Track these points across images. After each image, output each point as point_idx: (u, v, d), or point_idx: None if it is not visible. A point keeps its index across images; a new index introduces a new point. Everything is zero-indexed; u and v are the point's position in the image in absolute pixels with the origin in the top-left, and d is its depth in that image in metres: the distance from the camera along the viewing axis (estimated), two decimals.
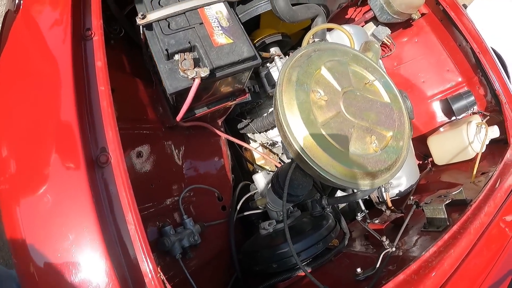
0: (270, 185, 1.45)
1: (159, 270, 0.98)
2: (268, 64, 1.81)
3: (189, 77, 1.28)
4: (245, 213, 1.61)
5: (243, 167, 1.86)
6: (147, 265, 0.97)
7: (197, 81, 1.28)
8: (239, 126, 1.85)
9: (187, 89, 1.30)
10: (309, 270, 1.44)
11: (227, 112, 1.68)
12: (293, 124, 1.29)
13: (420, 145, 2.03)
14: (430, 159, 2.03)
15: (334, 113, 1.35)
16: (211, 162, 1.64)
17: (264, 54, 1.74)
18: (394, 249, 1.37)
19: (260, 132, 1.86)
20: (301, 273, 1.45)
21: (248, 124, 1.82)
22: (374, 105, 1.46)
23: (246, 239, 1.66)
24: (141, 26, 1.35)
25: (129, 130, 1.46)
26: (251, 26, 1.90)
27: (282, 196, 1.26)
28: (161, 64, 1.34)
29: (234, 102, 1.58)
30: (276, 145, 1.86)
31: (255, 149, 1.73)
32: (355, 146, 1.34)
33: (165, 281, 0.96)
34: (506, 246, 1.62)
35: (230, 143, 1.80)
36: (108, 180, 1.07)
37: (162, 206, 1.43)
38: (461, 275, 1.39)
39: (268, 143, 1.84)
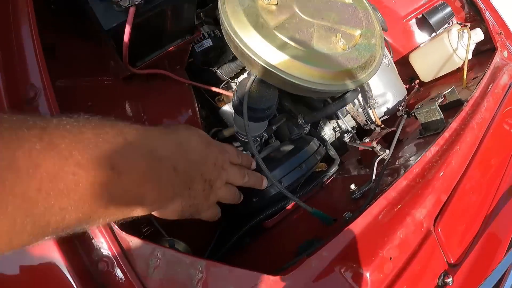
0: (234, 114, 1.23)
1: None
2: None
3: (123, 7, 1.10)
4: None
5: (221, 121, 1.65)
6: None
7: (132, 9, 1.10)
8: (207, 78, 1.65)
9: (125, 23, 1.12)
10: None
11: (186, 58, 1.49)
12: (242, 31, 1.09)
13: (404, 68, 1.80)
14: (416, 81, 1.80)
15: (287, 16, 1.15)
16: (176, 112, 1.44)
17: None
18: (387, 151, 1.13)
19: (230, 79, 1.65)
20: (289, 205, 1.21)
21: (215, 72, 1.62)
22: (334, 5, 1.26)
23: None
24: None
25: (78, 83, 1.27)
26: None
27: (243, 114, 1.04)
28: (96, 6, 1.17)
29: (188, 41, 1.39)
30: None
31: (224, 84, 1.50)
32: (318, 45, 1.13)
33: None
34: None
35: (199, 97, 1.59)
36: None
37: None
38: (473, 175, 1.13)
39: None
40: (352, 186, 1.13)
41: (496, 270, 1.00)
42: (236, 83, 1.63)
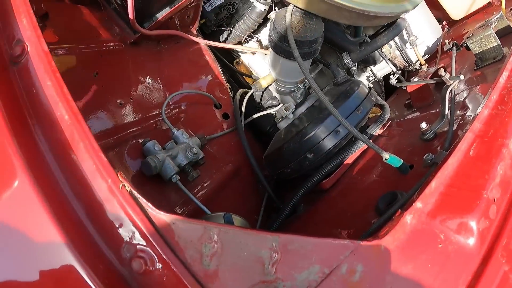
0: (271, 56, 1.02)
1: (120, 177, 0.54)
2: None
3: None
4: (255, 116, 1.17)
5: (241, 84, 1.43)
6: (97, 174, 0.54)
7: None
8: (222, 38, 1.43)
9: None
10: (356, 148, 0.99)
11: (198, 16, 1.28)
12: None
13: (432, 10, 1.61)
14: (444, 22, 1.61)
15: None
16: (195, 72, 1.22)
17: None
18: (462, 76, 0.93)
19: (248, 37, 1.43)
20: (347, 160, 1.01)
21: (231, 31, 1.40)
22: None
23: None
24: None
25: (78, 51, 1.04)
26: None
27: (289, 51, 0.83)
28: None
29: None
30: None
31: (244, 46, 1.28)
32: None
33: (135, 193, 0.52)
34: None
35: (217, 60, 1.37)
36: (30, 74, 0.65)
37: (142, 126, 0.99)
38: None
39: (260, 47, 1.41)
40: (423, 125, 0.93)
41: None
42: (257, 38, 1.41)
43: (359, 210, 0.92)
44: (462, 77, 0.95)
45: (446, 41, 1.24)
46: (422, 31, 1.31)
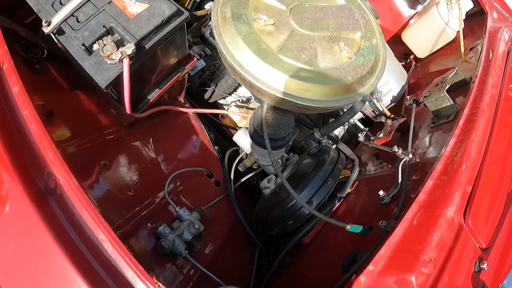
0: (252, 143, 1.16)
1: (155, 280, 0.72)
2: (209, 22, 1.49)
3: (116, 60, 1.01)
4: (242, 180, 1.33)
5: (227, 136, 1.57)
6: (138, 279, 0.72)
7: (126, 61, 1.02)
8: (206, 96, 1.55)
9: (122, 75, 1.03)
10: (327, 214, 1.16)
11: (184, 86, 1.39)
12: (246, 62, 1.00)
13: (397, 45, 1.73)
14: (411, 56, 1.72)
15: (287, 34, 1.06)
16: (187, 143, 1.37)
17: (199, 12, 1.43)
18: (410, 155, 1.08)
19: (230, 94, 1.56)
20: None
21: (214, 90, 1.52)
22: (329, 11, 1.16)
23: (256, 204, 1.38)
24: (51, 34, 1.07)
25: (86, 144, 1.18)
26: None
27: (266, 145, 0.97)
28: (85, 62, 1.09)
29: (184, 72, 1.29)
30: (251, 100, 1.56)
31: (227, 110, 1.42)
32: (325, 60, 1.05)
33: None
34: None
35: (204, 117, 1.50)
36: (68, 204, 0.80)
37: (150, 209, 1.17)
38: (492, 158, 1.11)
39: (241, 101, 1.54)
40: (381, 192, 1.09)
41: None
42: (238, 98, 1.54)
43: (331, 263, 1.10)
44: (410, 155, 1.09)
45: (408, 97, 1.36)
46: (388, 82, 1.43)
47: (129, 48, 1.01)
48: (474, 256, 0.93)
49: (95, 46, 1.05)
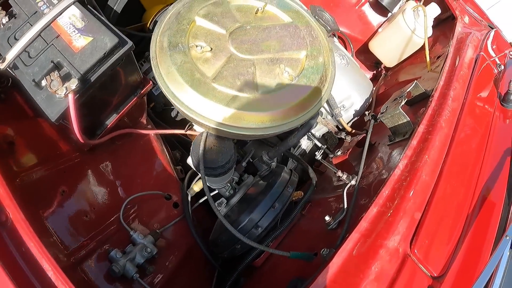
0: None
1: None
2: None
3: (62, 95, 1.04)
4: (200, 201, 1.33)
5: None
6: None
7: (70, 96, 1.05)
8: (172, 114, 1.56)
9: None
10: (277, 238, 1.15)
11: (144, 108, 1.41)
12: (181, 94, 1.00)
13: (367, 54, 1.68)
14: (382, 65, 1.66)
15: (224, 60, 1.05)
16: (146, 165, 1.38)
17: None
18: (353, 181, 1.05)
19: None
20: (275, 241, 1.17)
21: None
22: (272, 31, 1.14)
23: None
24: (8, 69, 1.12)
25: (46, 171, 1.21)
26: (137, 12, 1.60)
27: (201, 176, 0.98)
28: (37, 96, 1.13)
29: (141, 95, 1.30)
30: None
31: (187, 129, 1.42)
32: (264, 84, 1.04)
33: None
34: (492, 125, 1.25)
35: (171, 136, 1.51)
36: (17, 236, 0.86)
37: (105, 233, 1.19)
38: (448, 180, 1.05)
39: None
40: (327, 218, 1.06)
41: (483, 273, 0.95)
42: None
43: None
44: (353, 182, 1.06)
45: (366, 113, 1.31)
46: (350, 96, 1.39)
47: (73, 84, 1.03)
48: (423, 285, 0.89)
49: (43, 82, 1.09)
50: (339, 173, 1.08)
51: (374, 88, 1.48)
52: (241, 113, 0.98)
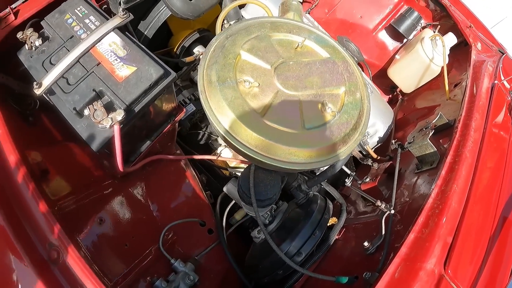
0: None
1: None
2: (198, 67, 1.51)
3: (107, 126, 1.03)
4: (233, 227, 1.36)
5: (219, 176, 1.60)
6: None
7: (116, 128, 1.05)
8: (198, 138, 1.58)
9: (113, 138, 1.06)
10: (315, 262, 1.20)
11: (175, 134, 1.42)
12: (233, 129, 1.02)
13: (383, 79, 1.75)
14: (398, 89, 1.75)
15: (272, 96, 1.08)
16: (179, 192, 1.39)
17: (188, 59, 1.46)
18: (392, 211, 1.11)
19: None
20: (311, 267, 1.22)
21: (205, 132, 1.55)
22: (313, 67, 1.18)
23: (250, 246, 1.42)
24: (44, 95, 1.11)
25: (82, 200, 1.21)
26: (164, 36, 1.60)
27: (253, 208, 1.01)
28: (77, 125, 1.12)
29: (174, 123, 1.31)
30: None
31: (218, 153, 1.44)
32: (309, 120, 1.07)
33: None
34: (509, 149, 1.35)
35: (196, 159, 1.53)
36: (71, 271, 0.86)
37: (146, 262, 1.20)
38: (474, 205, 1.14)
39: None
40: (365, 243, 1.12)
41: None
42: None
43: None
44: (393, 211, 1.13)
45: (393, 141, 1.39)
46: (374, 124, 1.45)
47: (119, 115, 1.03)
48: None
49: (86, 111, 1.08)
50: (378, 203, 1.13)
51: (394, 116, 1.56)
52: (291, 149, 1.01)
